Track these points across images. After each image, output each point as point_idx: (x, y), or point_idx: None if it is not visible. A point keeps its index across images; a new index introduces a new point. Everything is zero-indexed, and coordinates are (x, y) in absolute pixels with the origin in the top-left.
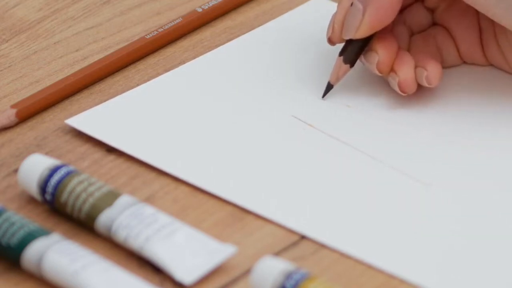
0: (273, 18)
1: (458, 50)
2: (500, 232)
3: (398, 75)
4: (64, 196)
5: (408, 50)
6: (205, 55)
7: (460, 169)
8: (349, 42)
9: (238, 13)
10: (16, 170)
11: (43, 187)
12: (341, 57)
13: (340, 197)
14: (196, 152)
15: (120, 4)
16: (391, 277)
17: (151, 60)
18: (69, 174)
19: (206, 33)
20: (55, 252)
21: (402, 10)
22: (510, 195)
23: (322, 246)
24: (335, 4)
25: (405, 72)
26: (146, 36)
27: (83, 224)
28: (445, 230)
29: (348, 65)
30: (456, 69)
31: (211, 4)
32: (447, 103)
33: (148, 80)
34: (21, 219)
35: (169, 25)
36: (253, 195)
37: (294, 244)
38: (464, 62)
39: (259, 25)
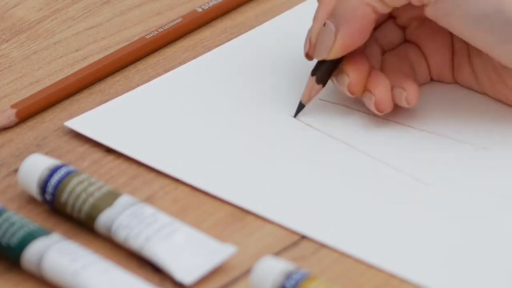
0: (273, 18)
1: (428, 68)
2: (500, 232)
3: (374, 95)
4: (64, 196)
5: (381, 68)
6: (205, 55)
7: (460, 168)
8: (321, 62)
9: (238, 13)
10: (16, 170)
11: (43, 187)
12: (314, 77)
13: (340, 197)
14: (196, 153)
15: (120, 4)
16: (391, 276)
17: (151, 60)
18: (69, 174)
19: (206, 33)
20: (55, 252)
21: (374, 30)
22: (510, 194)
23: (322, 246)
24: None
25: (381, 91)
26: (146, 36)
27: (83, 224)
28: (445, 230)
29: (320, 85)
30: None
31: (211, 4)
32: (446, 102)
33: (148, 80)
34: (21, 219)
35: (169, 25)
36: (253, 195)
37: (294, 244)
38: (431, 80)
39: (259, 25)
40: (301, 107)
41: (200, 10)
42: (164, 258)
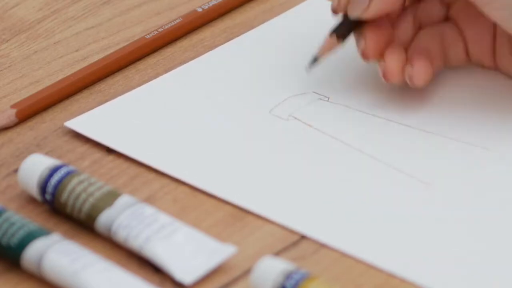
0: (273, 18)
1: (466, 50)
2: (500, 232)
3: (385, 62)
4: (64, 196)
5: (412, 42)
6: (205, 55)
7: (460, 167)
8: (343, 22)
9: (238, 13)
10: (16, 170)
11: (43, 187)
12: (333, 35)
13: (340, 196)
14: (196, 153)
15: (120, 4)
16: (391, 276)
17: (151, 60)
18: (69, 174)
19: (206, 33)
20: (55, 252)
21: (417, 3)
22: (510, 194)
23: (322, 246)
24: None
25: (393, 61)
26: (146, 36)
27: (83, 224)
28: (446, 230)
29: (339, 40)
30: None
31: (211, 4)
32: (446, 102)
33: (148, 80)
34: (21, 219)
35: (169, 25)
36: (253, 195)
37: (294, 244)
38: (469, 63)
39: (259, 25)
40: (314, 61)
41: (200, 10)
42: (164, 258)
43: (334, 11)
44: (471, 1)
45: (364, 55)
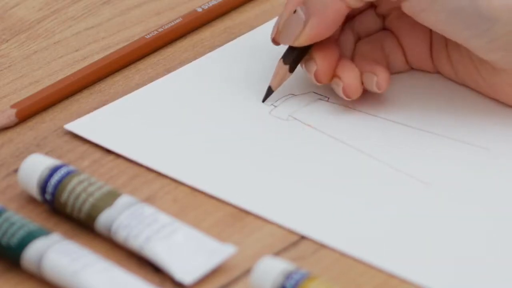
0: (273, 18)
1: (405, 57)
2: (500, 232)
3: (342, 80)
4: (64, 196)
5: (354, 55)
6: (205, 55)
7: (460, 167)
8: (290, 48)
9: (238, 13)
10: (16, 170)
11: (43, 187)
12: (282, 62)
13: (340, 196)
14: (196, 154)
15: (120, 4)
16: (391, 276)
17: (151, 60)
18: (69, 174)
19: (206, 33)
20: (55, 252)
21: (352, 18)
22: (510, 194)
23: (322, 246)
24: None
25: (349, 77)
26: (146, 36)
27: (83, 224)
28: (445, 230)
29: (289, 72)
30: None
31: (211, 4)
32: (446, 102)
33: (148, 80)
34: (21, 219)
35: (169, 25)
36: (253, 195)
37: (294, 244)
38: (411, 68)
39: (259, 25)
40: (269, 92)
41: (200, 10)
42: (164, 258)
43: (274, 41)
44: (406, 12)
45: (318, 78)
